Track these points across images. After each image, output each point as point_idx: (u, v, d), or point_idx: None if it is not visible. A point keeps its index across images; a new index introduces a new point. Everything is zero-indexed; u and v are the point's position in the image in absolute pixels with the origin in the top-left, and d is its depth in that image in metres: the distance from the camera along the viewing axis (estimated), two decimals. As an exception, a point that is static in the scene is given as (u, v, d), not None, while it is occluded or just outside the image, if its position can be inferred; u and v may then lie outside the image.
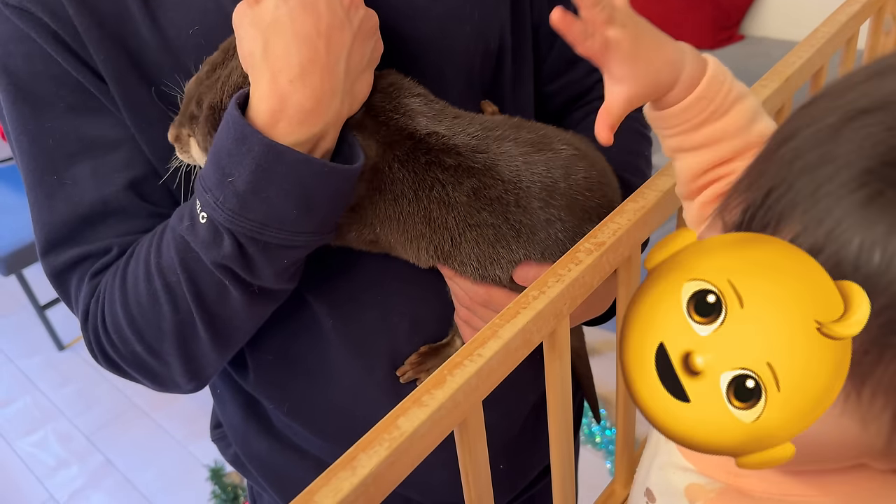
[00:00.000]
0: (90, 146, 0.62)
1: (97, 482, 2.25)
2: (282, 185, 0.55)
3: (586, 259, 0.59)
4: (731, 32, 2.77)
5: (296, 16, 0.55)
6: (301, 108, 0.55)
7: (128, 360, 0.65)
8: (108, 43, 0.60)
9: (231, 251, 0.57)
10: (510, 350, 0.53)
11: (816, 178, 0.35)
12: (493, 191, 0.63)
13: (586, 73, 0.82)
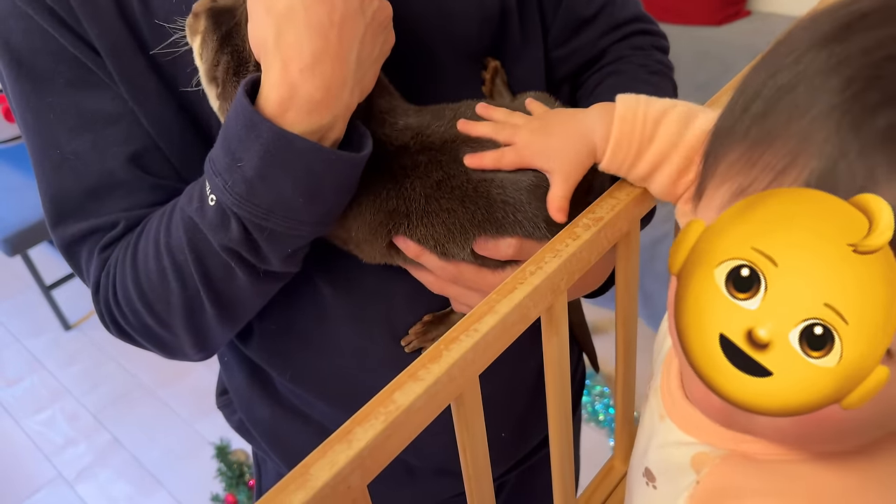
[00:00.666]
0: (90, 120, 0.63)
1: (105, 460, 2.27)
2: (290, 172, 0.55)
3: (584, 234, 0.58)
4: (737, 8, 2.74)
5: (309, 5, 0.54)
6: (311, 98, 0.55)
7: (138, 331, 0.66)
8: (102, 17, 0.60)
9: (238, 235, 0.58)
10: (507, 325, 0.53)
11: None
12: (456, 180, 0.63)
13: (598, 37, 0.80)
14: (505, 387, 0.77)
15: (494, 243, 0.63)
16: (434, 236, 0.64)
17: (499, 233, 0.63)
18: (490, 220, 0.63)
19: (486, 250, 0.64)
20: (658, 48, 0.83)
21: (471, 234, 0.63)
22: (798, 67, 0.37)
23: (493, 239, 0.63)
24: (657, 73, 0.80)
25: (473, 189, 0.63)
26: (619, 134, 0.59)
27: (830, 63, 0.36)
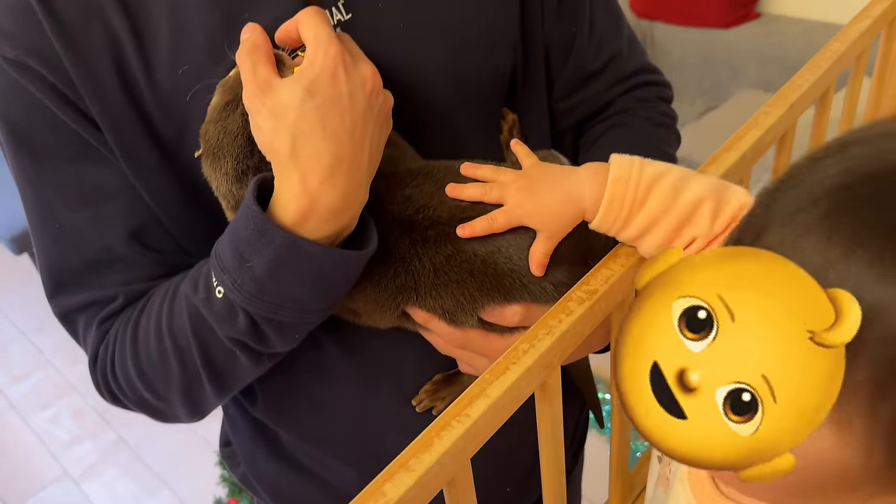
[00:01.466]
0: (90, 196, 0.63)
1: (110, 458, 2.30)
2: (300, 272, 0.56)
3: (577, 309, 0.59)
4: (746, 10, 2.71)
5: (323, 112, 0.54)
6: (331, 207, 0.55)
7: (134, 402, 0.67)
8: (104, 92, 0.60)
9: (245, 327, 0.59)
10: (498, 408, 0.53)
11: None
12: (465, 254, 0.63)
13: (604, 89, 0.81)
14: (513, 443, 0.78)
15: (501, 311, 0.64)
16: (443, 306, 0.64)
17: (506, 300, 0.64)
18: (498, 289, 0.63)
19: (493, 318, 0.64)
20: (662, 98, 0.83)
21: (479, 302, 0.64)
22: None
23: (500, 307, 0.64)
24: (661, 125, 0.80)
25: (482, 261, 0.63)
26: (611, 196, 0.60)
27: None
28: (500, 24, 0.71)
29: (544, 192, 0.62)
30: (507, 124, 0.78)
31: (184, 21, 0.60)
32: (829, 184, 0.37)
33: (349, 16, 0.64)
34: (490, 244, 0.63)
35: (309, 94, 0.54)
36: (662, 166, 0.61)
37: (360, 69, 0.56)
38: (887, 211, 0.35)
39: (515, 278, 0.63)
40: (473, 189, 0.64)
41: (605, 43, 0.79)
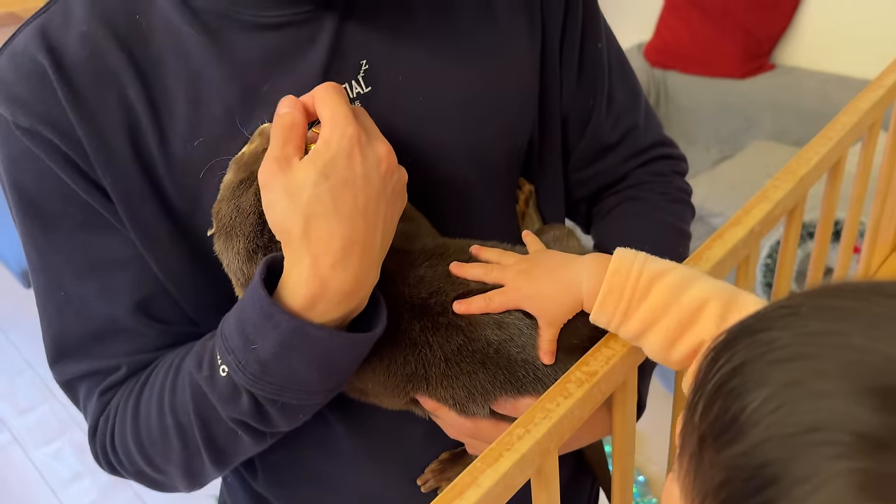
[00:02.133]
0: (97, 266, 0.62)
1: (109, 497, 2.27)
2: (305, 356, 0.55)
3: (576, 392, 0.57)
4: (761, 62, 2.72)
5: (337, 194, 0.53)
6: (341, 291, 0.54)
7: (132, 474, 0.66)
8: (118, 164, 0.59)
9: (248, 408, 0.58)
10: (490, 498, 0.51)
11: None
12: (477, 343, 0.62)
13: (620, 162, 0.80)
14: None
15: (514, 403, 0.63)
16: (454, 396, 0.63)
17: (519, 392, 0.62)
18: (511, 381, 0.62)
19: (506, 410, 0.63)
20: (678, 173, 0.83)
21: (492, 394, 0.63)
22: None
23: (513, 399, 0.62)
24: (677, 200, 0.80)
25: (495, 351, 0.62)
26: (609, 286, 0.58)
27: None
28: (520, 99, 0.71)
29: (543, 277, 0.62)
30: (523, 195, 0.78)
31: (201, 92, 0.60)
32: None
33: (368, 88, 0.63)
34: (503, 332, 0.62)
35: (324, 176, 0.53)
36: (668, 264, 0.59)
37: (375, 149, 0.56)
38: None
39: (529, 370, 0.62)
40: (476, 269, 0.63)
41: (622, 116, 0.79)
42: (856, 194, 1.00)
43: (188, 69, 0.60)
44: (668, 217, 0.77)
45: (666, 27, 2.85)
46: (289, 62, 0.61)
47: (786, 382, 0.33)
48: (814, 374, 0.32)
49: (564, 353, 0.62)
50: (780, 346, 0.34)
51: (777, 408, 0.32)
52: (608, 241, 0.77)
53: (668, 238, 0.76)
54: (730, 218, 0.72)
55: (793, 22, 2.67)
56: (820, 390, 0.32)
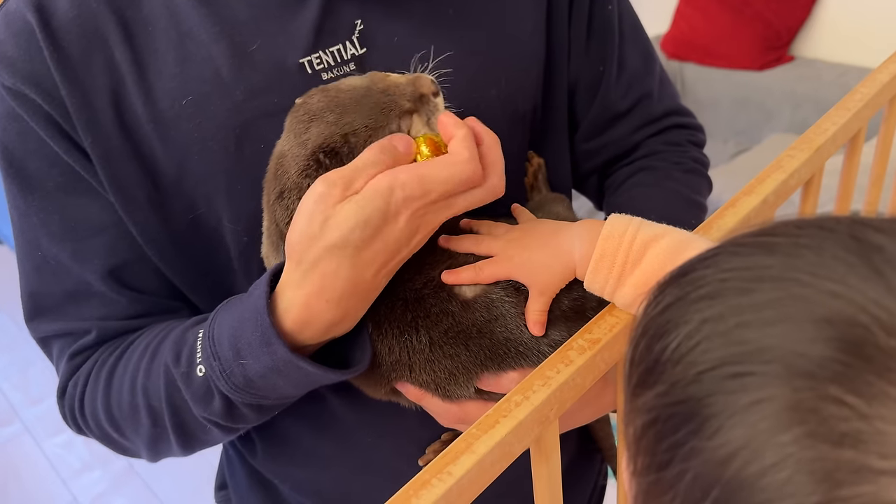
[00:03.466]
0: (73, 229, 0.62)
1: (119, 487, 2.27)
2: (292, 382, 0.56)
3: (578, 359, 0.54)
4: (780, 53, 2.68)
5: (364, 246, 0.52)
6: (329, 323, 0.55)
7: (99, 437, 0.66)
8: (99, 124, 0.58)
9: (220, 410, 0.58)
10: (485, 466, 0.49)
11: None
12: (462, 325, 0.60)
13: (632, 131, 0.78)
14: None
15: (497, 380, 0.60)
16: (436, 380, 0.61)
17: (501, 368, 0.60)
18: (493, 358, 0.60)
19: (490, 386, 0.61)
20: (694, 143, 0.80)
21: (473, 373, 0.60)
22: None
23: (496, 375, 0.60)
24: (691, 171, 0.77)
25: (478, 331, 0.60)
26: (601, 251, 0.56)
27: None
28: (524, 63, 0.68)
29: (533, 245, 0.60)
30: (531, 167, 0.75)
31: (190, 51, 0.59)
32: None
33: (364, 50, 0.62)
34: (491, 313, 0.60)
35: (364, 225, 0.51)
36: (664, 227, 0.57)
37: (425, 221, 0.53)
38: None
39: (510, 346, 0.60)
40: (466, 241, 0.61)
41: (634, 82, 0.76)
42: (874, 175, 0.97)
43: (178, 29, 0.59)
44: (681, 188, 0.74)
45: (683, 18, 2.81)
46: (279, 21, 0.60)
47: (705, 318, 0.32)
48: (732, 308, 0.31)
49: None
50: (702, 284, 0.33)
51: (696, 344, 0.31)
52: (617, 210, 0.75)
53: (679, 209, 0.73)
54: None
55: (812, 13, 2.63)
56: (738, 324, 0.30)
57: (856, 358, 0.27)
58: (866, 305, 0.28)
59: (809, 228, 0.33)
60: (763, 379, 0.29)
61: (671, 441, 0.30)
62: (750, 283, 0.32)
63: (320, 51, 0.60)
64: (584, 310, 0.62)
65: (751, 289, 0.31)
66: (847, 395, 0.27)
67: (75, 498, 2.26)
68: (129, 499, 2.23)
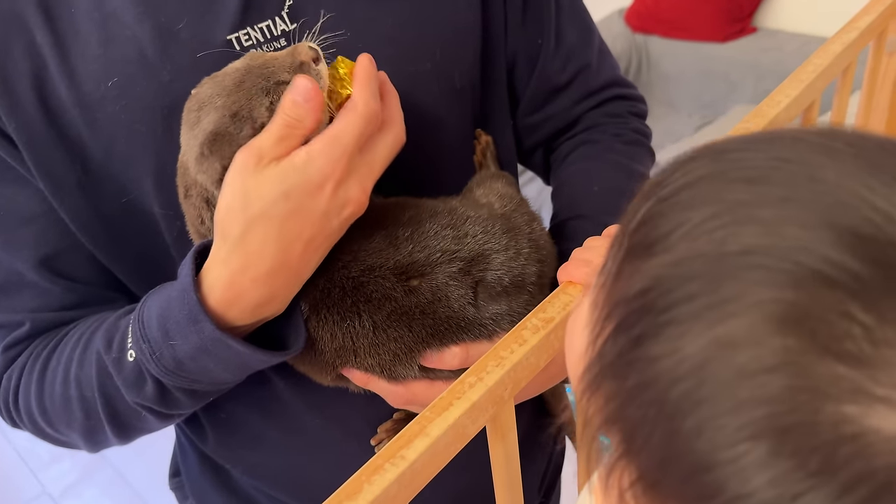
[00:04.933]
0: (1, 219, 0.60)
1: (90, 476, 2.25)
2: (222, 362, 0.55)
3: (532, 338, 0.54)
4: (743, 24, 2.68)
5: (288, 219, 0.52)
6: (256, 303, 0.54)
7: (32, 431, 0.65)
8: (22, 109, 0.57)
9: (153, 395, 0.57)
10: (439, 449, 0.49)
11: None
12: (405, 308, 0.59)
13: (572, 104, 0.77)
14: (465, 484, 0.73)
15: (440, 356, 0.60)
16: (381, 363, 0.61)
17: (444, 344, 0.60)
18: (434, 335, 0.60)
19: (433, 363, 0.61)
20: (635, 114, 0.80)
21: (416, 351, 0.60)
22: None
23: (438, 352, 0.60)
24: (633, 142, 0.77)
25: (421, 312, 0.59)
26: None
27: None
28: (458, 37, 0.67)
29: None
30: (479, 145, 0.74)
31: (114, 32, 0.57)
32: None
33: (294, 26, 0.60)
34: (434, 295, 0.59)
35: (285, 196, 0.51)
36: None
37: (348, 191, 0.54)
38: None
39: (452, 322, 0.60)
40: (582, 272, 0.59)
41: (572, 55, 0.76)
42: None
43: (101, 10, 0.58)
44: (623, 159, 0.74)
45: (649, -10, 2.81)
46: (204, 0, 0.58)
47: (740, 201, 0.30)
48: (775, 199, 0.30)
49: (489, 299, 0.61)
50: (747, 167, 0.32)
51: (723, 224, 0.29)
52: (560, 188, 0.76)
53: (621, 180, 0.73)
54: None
55: (774, -17, 2.64)
56: (775, 216, 0.29)
57: (887, 280, 0.27)
58: None
59: (870, 141, 0.32)
60: (786, 277, 0.27)
61: (671, 314, 0.29)
62: (799, 178, 0.30)
63: (248, 27, 0.59)
64: (524, 284, 0.62)
65: (798, 185, 0.30)
66: (865, 314, 0.26)
67: (45, 489, 2.24)
68: (100, 488, 2.21)
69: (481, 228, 0.62)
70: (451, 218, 0.62)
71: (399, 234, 0.61)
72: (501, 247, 0.62)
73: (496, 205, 0.67)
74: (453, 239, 0.61)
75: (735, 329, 0.27)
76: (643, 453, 0.30)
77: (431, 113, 0.67)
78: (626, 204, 0.82)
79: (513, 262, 0.62)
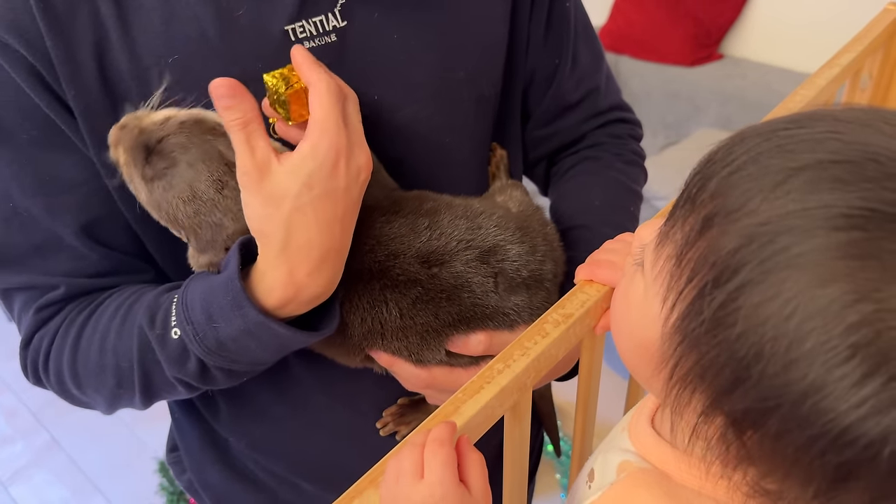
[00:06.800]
0: (46, 183, 0.61)
1: (41, 461, 2.21)
2: (263, 344, 0.58)
3: (553, 332, 0.59)
4: (710, 51, 2.79)
5: (319, 205, 0.55)
6: (314, 295, 0.58)
7: (58, 392, 0.67)
8: (82, 77, 0.58)
9: (195, 371, 0.59)
10: (470, 428, 0.53)
11: None
12: (432, 293, 0.63)
13: (580, 122, 0.83)
14: None
15: (465, 340, 0.64)
16: (408, 347, 0.64)
17: (470, 329, 0.64)
18: (461, 320, 0.63)
19: (458, 348, 0.64)
20: (634, 137, 0.85)
21: (443, 336, 0.64)
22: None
23: (464, 336, 0.64)
24: (631, 162, 0.83)
25: (447, 298, 0.63)
26: None
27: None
28: (490, 50, 0.71)
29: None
30: (494, 158, 0.79)
31: (176, 10, 0.59)
32: None
33: (344, 23, 0.63)
34: (458, 280, 0.63)
35: (307, 187, 0.55)
36: None
37: (357, 158, 0.57)
38: None
39: (478, 310, 0.64)
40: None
41: (585, 77, 0.81)
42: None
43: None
44: (621, 177, 0.80)
45: (620, 12, 2.89)
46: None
47: (804, 166, 0.36)
48: (832, 161, 0.36)
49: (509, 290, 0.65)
50: (801, 139, 0.37)
51: (796, 187, 0.35)
52: (562, 199, 0.80)
53: (619, 196, 0.79)
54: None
55: (742, 13, 2.75)
56: (836, 174, 0.35)
57: None
58: None
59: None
60: (856, 220, 0.34)
61: (769, 264, 0.35)
62: (846, 143, 0.36)
63: (304, 20, 0.62)
64: (542, 280, 0.67)
65: (848, 147, 0.36)
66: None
67: (-6, 472, 2.19)
68: (52, 472, 2.17)
69: (494, 223, 0.66)
70: (465, 210, 0.66)
71: (418, 223, 0.64)
72: (516, 240, 0.66)
73: (513, 208, 0.71)
74: (467, 229, 0.65)
75: (824, 270, 0.33)
76: (753, 391, 0.35)
77: (459, 118, 0.71)
78: (624, 218, 0.88)
79: (529, 257, 0.66)
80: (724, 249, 0.36)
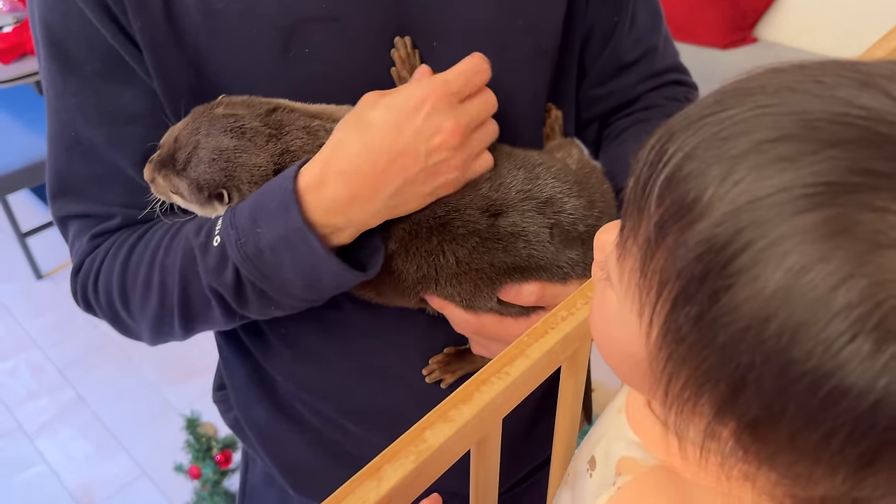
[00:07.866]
0: (109, 115, 0.63)
1: (66, 416, 2.24)
2: (297, 259, 0.58)
3: (615, 283, 0.59)
4: (745, 34, 2.76)
5: (380, 127, 0.57)
6: (333, 198, 0.58)
7: (106, 315, 0.69)
8: (149, 10, 0.59)
9: (230, 282, 0.60)
10: (536, 370, 0.53)
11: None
12: (489, 243, 0.63)
13: (636, 83, 0.81)
14: (507, 420, 0.78)
15: (518, 290, 0.64)
16: (461, 293, 0.65)
17: (525, 279, 0.64)
18: (515, 270, 0.64)
19: (510, 297, 0.65)
20: (690, 100, 0.83)
21: (497, 284, 0.64)
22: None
23: (517, 285, 0.64)
24: None
25: (503, 248, 0.63)
26: None
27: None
28: (550, 1, 0.71)
29: None
30: (549, 118, 0.78)
31: None
32: None
33: None
34: (516, 227, 0.63)
35: (385, 107, 0.58)
36: None
37: (442, 120, 0.58)
38: None
39: (532, 261, 0.64)
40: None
41: (643, 36, 0.80)
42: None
43: None
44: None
45: (655, -8, 2.87)
46: None
47: (743, 152, 0.33)
48: (772, 139, 0.32)
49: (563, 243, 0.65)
50: (733, 122, 0.34)
51: (742, 178, 0.32)
52: (611, 162, 0.79)
53: None
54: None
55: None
56: (780, 153, 0.32)
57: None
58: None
59: (811, 65, 0.35)
60: (818, 199, 0.30)
61: (736, 264, 0.32)
62: (783, 117, 0.33)
63: None
64: None
65: (785, 121, 0.33)
66: (893, 202, 0.30)
67: (20, 425, 2.23)
68: (77, 428, 2.21)
69: (553, 174, 0.66)
70: (524, 159, 0.67)
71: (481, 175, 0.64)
72: (574, 193, 0.66)
73: (572, 165, 0.71)
74: (525, 180, 0.65)
75: (799, 257, 0.30)
76: (755, 397, 0.32)
77: (518, 70, 0.70)
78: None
79: (586, 212, 0.66)
80: (685, 259, 0.33)
